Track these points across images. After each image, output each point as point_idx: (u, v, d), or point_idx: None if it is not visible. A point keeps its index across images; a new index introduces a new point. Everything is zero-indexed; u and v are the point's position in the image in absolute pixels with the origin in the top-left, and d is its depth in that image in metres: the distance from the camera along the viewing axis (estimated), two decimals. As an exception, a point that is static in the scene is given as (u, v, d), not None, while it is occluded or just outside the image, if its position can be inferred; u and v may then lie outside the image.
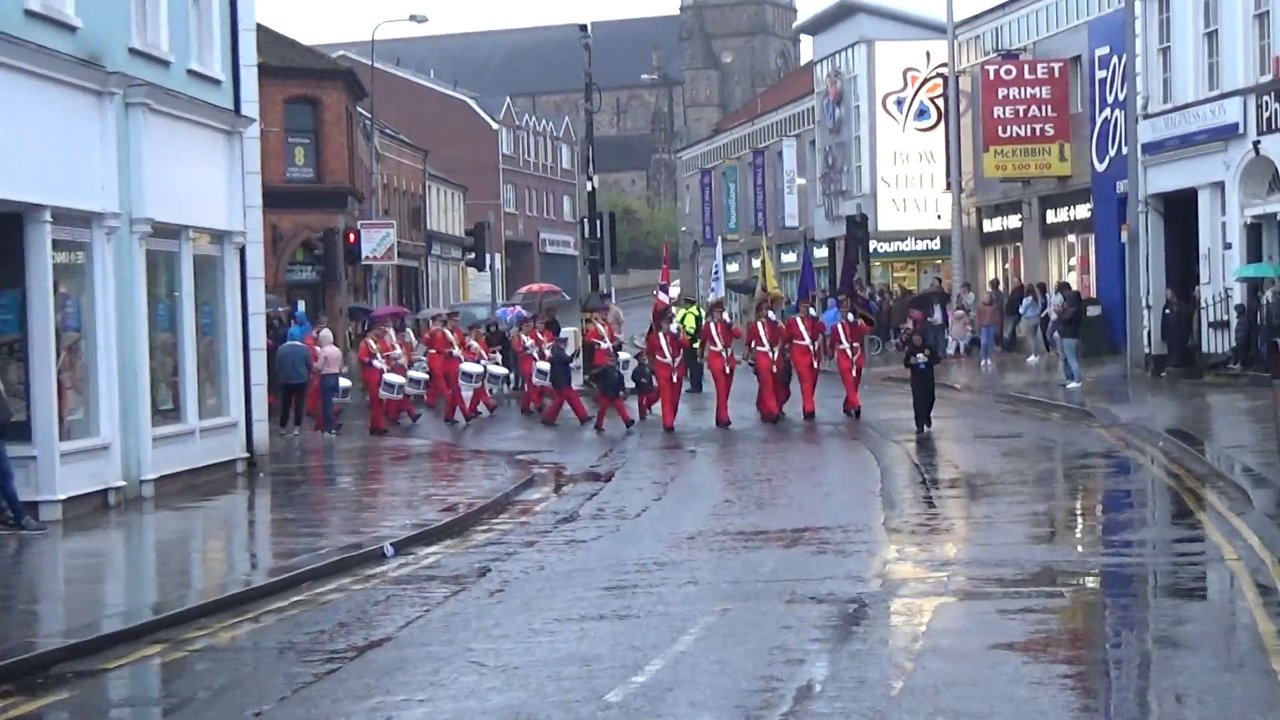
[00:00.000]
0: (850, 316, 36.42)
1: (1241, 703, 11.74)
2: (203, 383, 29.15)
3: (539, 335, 41.58)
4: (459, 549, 21.27)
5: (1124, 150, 47.92)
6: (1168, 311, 43.60)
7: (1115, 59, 49.36)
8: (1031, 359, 51.35)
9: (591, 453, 33.04)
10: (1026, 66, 54.17)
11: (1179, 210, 44.91)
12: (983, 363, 51.15)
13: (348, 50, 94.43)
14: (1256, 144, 40.31)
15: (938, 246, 64.74)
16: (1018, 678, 12.73)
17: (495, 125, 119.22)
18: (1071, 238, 55.07)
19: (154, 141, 26.74)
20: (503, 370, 42.52)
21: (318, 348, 38.47)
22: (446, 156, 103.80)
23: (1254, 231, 41.63)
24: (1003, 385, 44.67)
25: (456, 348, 40.74)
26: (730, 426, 35.10)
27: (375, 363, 38.08)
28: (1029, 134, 53.68)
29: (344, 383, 38.54)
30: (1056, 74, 53.47)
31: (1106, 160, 50.46)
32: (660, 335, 35.53)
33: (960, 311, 54.84)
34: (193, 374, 28.64)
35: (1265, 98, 40.08)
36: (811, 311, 36.84)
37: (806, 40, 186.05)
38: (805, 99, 77.30)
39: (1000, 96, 53.80)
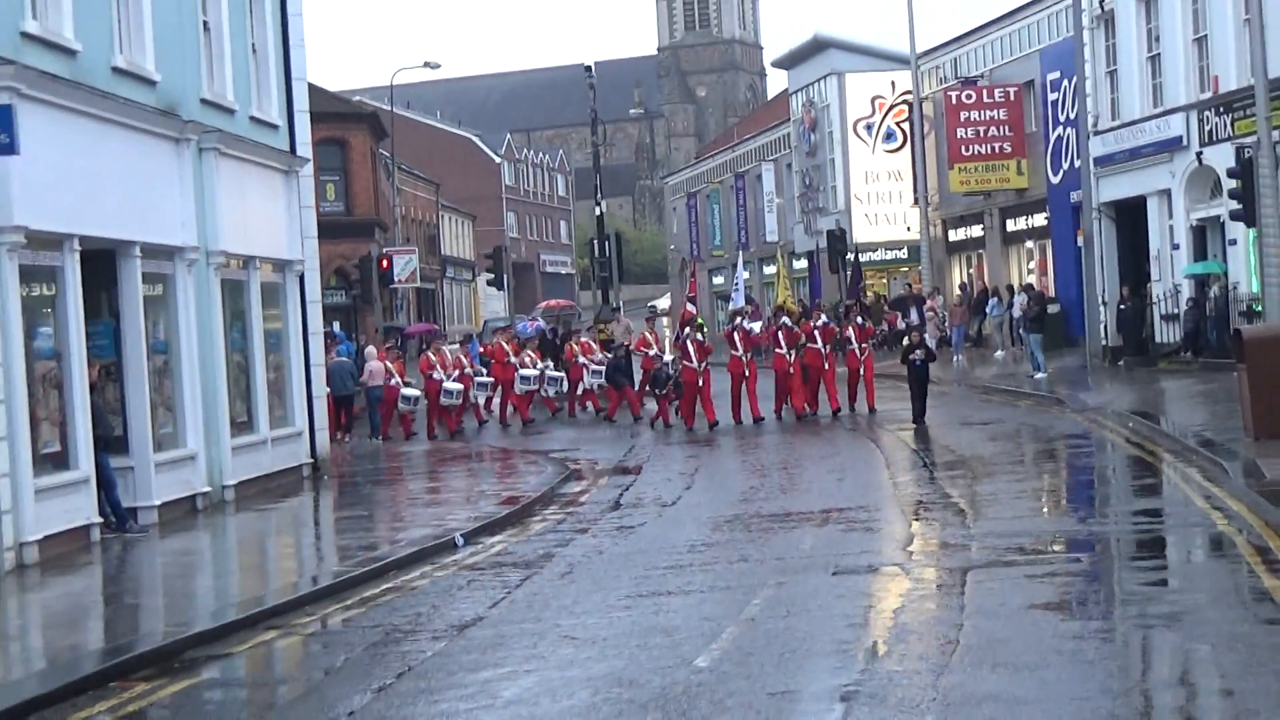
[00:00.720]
0: (860, 320, 36.36)
1: (1266, 649, 11.87)
2: (271, 396, 29.20)
3: (590, 345, 41.89)
4: (521, 537, 21.33)
5: (1076, 164, 48.18)
6: (1122, 307, 43.80)
7: (1065, 82, 49.61)
8: (998, 353, 51.56)
9: (617, 449, 33.13)
10: (984, 91, 54.40)
11: (1129, 216, 45.14)
12: (955, 358, 51.30)
13: (364, 95, 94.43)
14: (1200, 155, 40.50)
15: (905, 255, 64.89)
16: (1060, 633, 12.86)
17: (497, 159, 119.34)
18: (1030, 243, 55.28)
19: (224, 181, 26.83)
20: (559, 374, 42.20)
21: (366, 363, 38.52)
22: (456, 188, 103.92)
23: (1199, 233, 41.88)
24: (975, 378, 44.88)
25: (513, 356, 40.84)
26: (718, 426, 34.55)
27: (435, 375, 38.15)
28: (989, 152, 53.91)
29: (413, 392, 38.41)
30: (1012, 97, 53.70)
31: (1060, 173, 50.67)
32: (688, 342, 35.05)
33: (930, 313, 55.02)
34: (263, 389, 28.73)
35: (1206, 113, 40.26)
36: (824, 319, 36.34)
37: (773, 73, 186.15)
38: (780, 127, 77.46)
39: (962, 119, 54.03)
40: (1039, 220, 53.53)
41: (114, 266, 23.68)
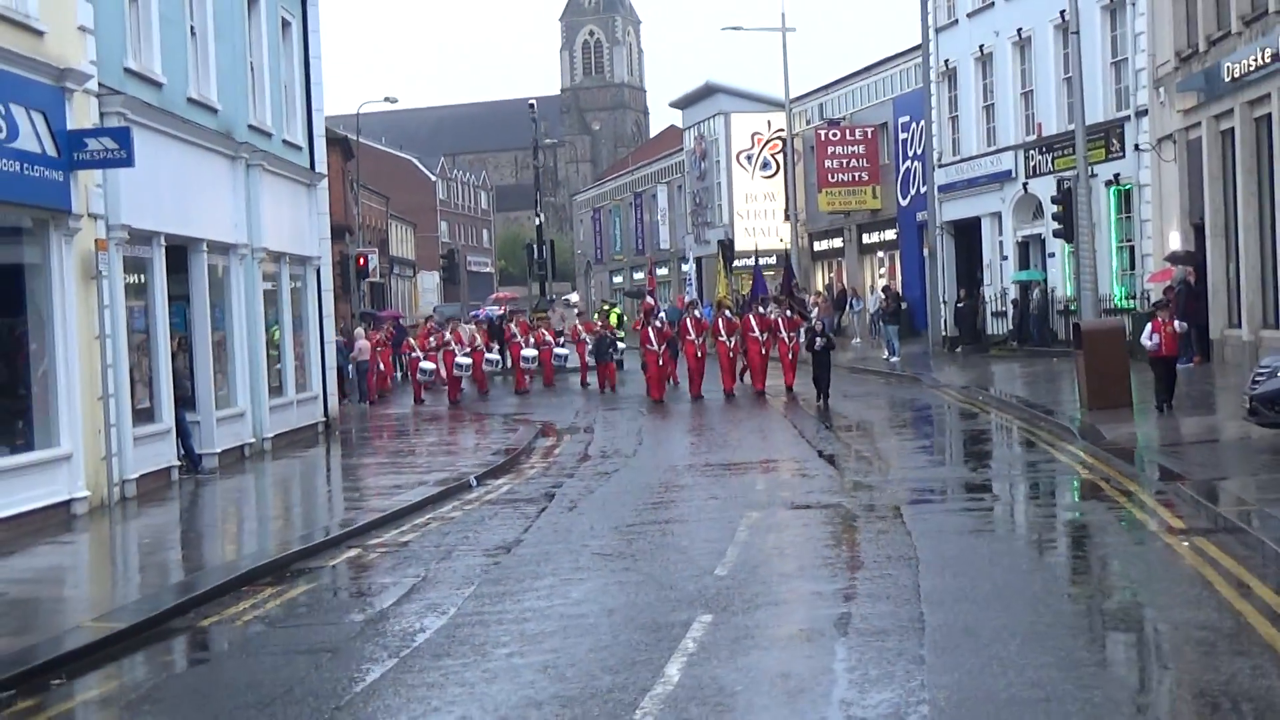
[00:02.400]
0: (789, 312, 35.65)
1: (1147, 562, 12.76)
2: (296, 366, 29.49)
3: (526, 324, 42.06)
4: (520, 480, 21.81)
5: (923, 190, 49.29)
6: (959, 305, 44.93)
7: (914, 124, 50.70)
8: (855, 341, 52.60)
9: (566, 413, 33.49)
10: (848, 130, 55.37)
11: (965, 232, 46.32)
12: (821, 345, 52.05)
13: (328, 122, 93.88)
14: (1025, 184, 41.68)
15: (775, 261, 65.60)
16: (995, 550, 13.70)
17: (433, 177, 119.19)
18: (881, 254, 56.38)
19: (265, 192, 27.08)
20: (496, 357, 42.34)
21: (356, 342, 38.77)
22: (400, 201, 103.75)
23: (1023, 247, 43.10)
24: (841, 360, 45.67)
25: (480, 341, 40.60)
26: (703, 399, 33.39)
27: (416, 354, 38.09)
28: (850, 179, 54.89)
29: (429, 365, 38.30)
30: (869, 135, 54.73)
31: (909, 197, 51.74)
32: (649, 329, 34.56)
33: (814, 308, 55.82)
34: (291, 360, 29.03)
35: (1031, 151, 41.45)
36: (761, 310, 35.57)
37: (655, 112, 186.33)
38: (672, 155, 78.23)
39: (829, 152, 54.97)
40: (889, 235, 54.61)
41: (184, 259, 23.87)
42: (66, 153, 18.59)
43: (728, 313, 35.55)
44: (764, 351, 34.39)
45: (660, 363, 34.01)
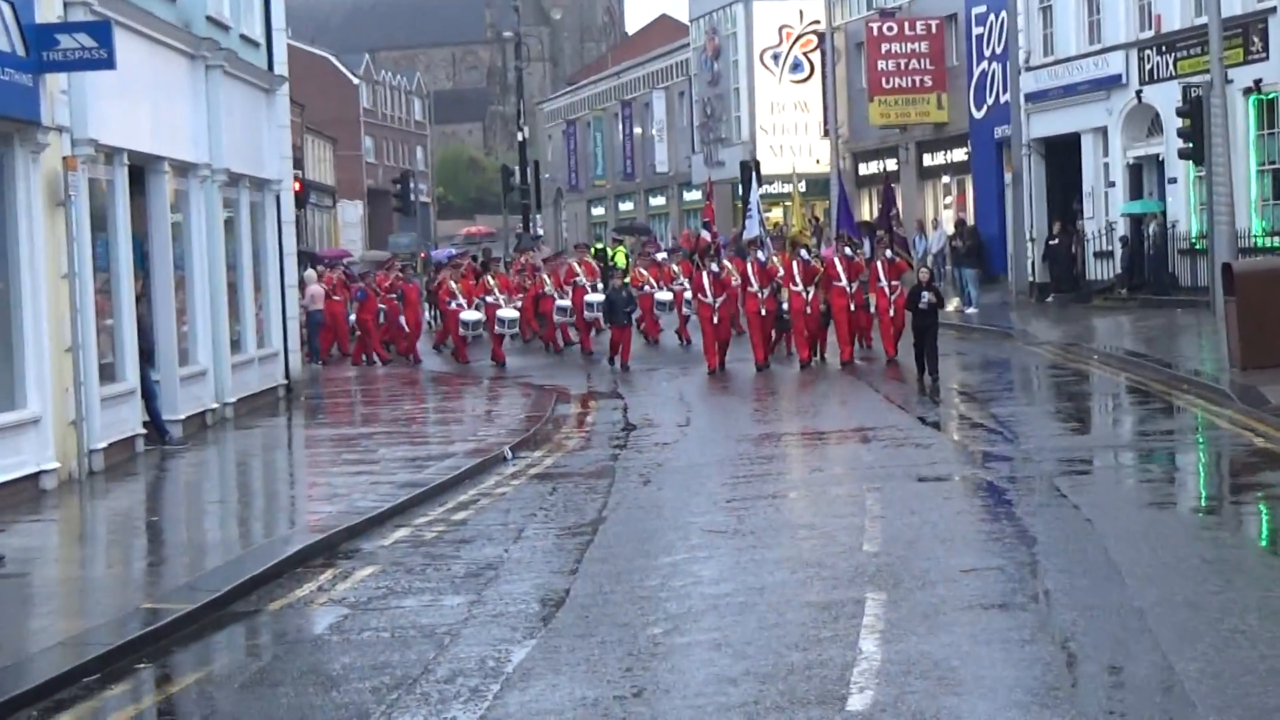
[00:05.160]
0: (889, 254, 32.92)
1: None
2: (256, 317, 30.72)
3: (508, 280, 40.77)
4: (563, 453, 23.13)
5: (1003, 99, 50.57)
6: (1052, 243, 46.34)
7: (991, 16, 51.98)
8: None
9: (571, 377, 34.51)
10: (905, 23, 56.67)
11: (1059, 153, 47.65)
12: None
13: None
14: (1139, 93, 43.04)
15: (805, 189, 66.74)
16: (1190, 525, 15.27)
17: (355, 80, 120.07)
18: (947, 178, 57.69)
19: (224, 98, 28.22)
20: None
21: (307, 286, 39.91)
22: (316, 110, 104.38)
23: (1135, 171, 44.48)
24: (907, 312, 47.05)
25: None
26: (767, 369, 32.45)
27: (458, 301, 38.44)
28: (909, 85, 56.21)
29: (474, 315, 38.16)
30: (934, 29, 56.02)
31: (984, 108, 52.99)
32: (704, 275, 33.19)
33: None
34: (251, 309, 30.25)
35: (1147, 51, 42.83)
36: (848, 251, 33.47)
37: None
38: (673, 53, 79.29)
39: (882, 51, 56.24)
40: (958, 155, 55.95)
41: (140, 182, 25.01)
42: (35, 51, 19.77)
43: (804, 254, 33.58)
44: (851, 307, 32.47)
45: (715, 320, 32.59)
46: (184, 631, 13.00)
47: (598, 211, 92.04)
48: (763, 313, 32.83)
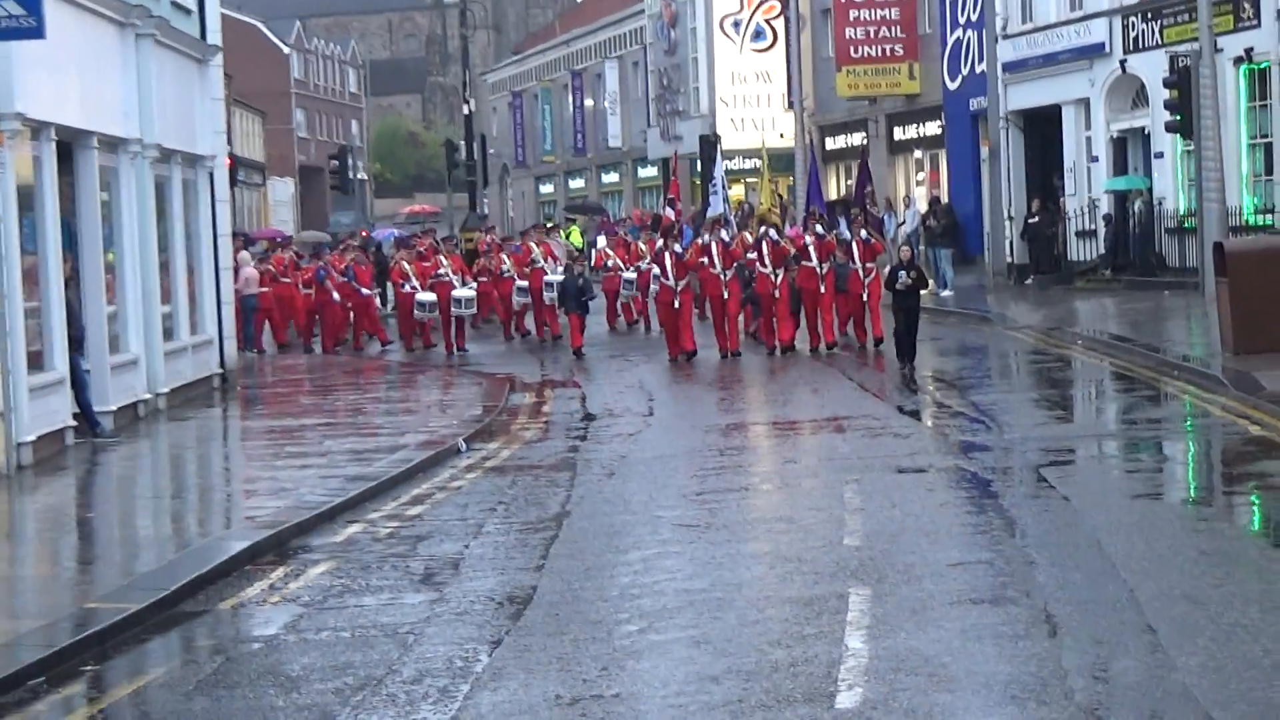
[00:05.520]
0: (864, 234, 33.19)
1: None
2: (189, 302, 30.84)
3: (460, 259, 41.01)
4: (520, 445, 23.32)
5: (979, 69, 50.87)
6: (1032, 221, 46.69)
7: (967, -20, 52.29)
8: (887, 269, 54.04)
9: (524, 364, 34.75)
10: (875, -11, 56.91)
11: (1039, 126, 48.02)
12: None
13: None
14: (1123, 62, 43.43)
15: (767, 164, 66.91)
16: (1184, 516, 15.59)
17: (286, 49, 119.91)
18: (919, 153, 58.05)
19: (155, 69, 28.31)
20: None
21: (240, 269, 39.98)
22: (244, 81, 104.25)
23: (1119, 145, 44.88)
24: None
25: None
26: (696, 356, 32.76)
27: (412, 284, 38.29)
28: (879, 54, 56.50)
29: (429, 297, 37.78)
30: (905, -4, 56.33)
31: (959, 79, 53.25)
32: (666, 255, 33.39)
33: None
34: (184, 293, 30.38)
35: (1131, 18, 43.23)
36: (819, 229, 33.60)
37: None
38: (625, 21, 79.43)
39: (850, 18, 56.52)
40: (932, 128, 56.28)
41: (70, 159, 25.10)
42: (-41, 20, 19.86)
43: (773, 234, 33.72)
44: (821, 288, 32.57)
45: (677, 304, 32.64)
46: (130, 632, 13.15)
47: (546, 189, 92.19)
48: (725, 296, 32.70)
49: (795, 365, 31.14)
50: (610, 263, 40.52)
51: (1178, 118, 37.13)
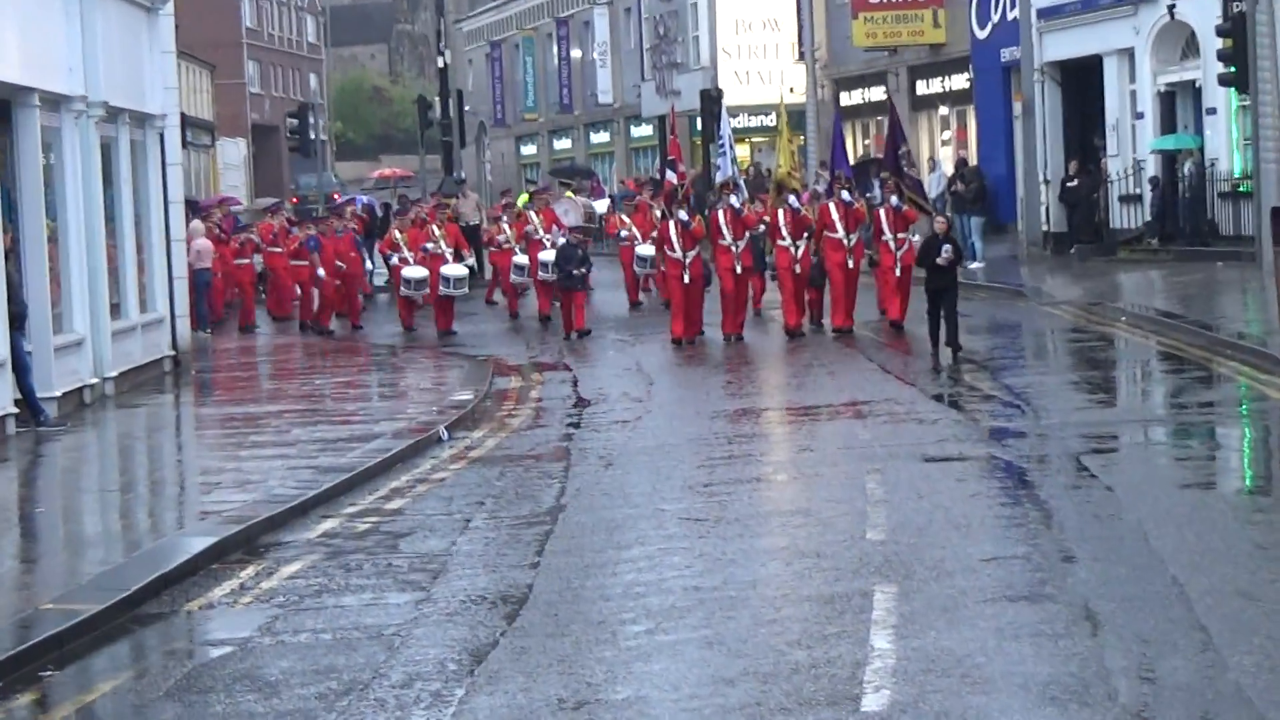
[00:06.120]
0: (895, 200, 32.62)
1: None
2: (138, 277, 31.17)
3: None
4: (508, 433, 23.71)
5: (1010, 16, 51.04)
6: (1070, 185, 46.85)
7: (998, -83, 52.56)
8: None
9: (509, 345, 35.10)
10: (895, -74, 57.17)
11: (1078, 79, 48.26)
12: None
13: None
14: (1171, 8, 43.62)
15: (773, 123, 67.08)
16: (1238, 508, 16.08)
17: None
18: (945, 109, 58.26)
19: (103, 20, 28.61)
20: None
21: (192, 240, 40.30)
22: (190, 32, 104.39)
23: (1167, 100, 45.07)
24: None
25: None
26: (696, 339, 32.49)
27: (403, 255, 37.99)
28: (900, 0, 56.74)
29: (418, 272, 37.31)
30: (929, -66, 56.56)
31: (988, 27, 53.41)
32: (671, 224, 32.63)
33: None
34: (133, 267, 30.71)
35: (1180, -41, 43.49)
36: (846, 195, 32.77)
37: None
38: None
39: (868, -40, 56.75)
40: (958, 82, 56.46)
41: (9, 119, 25.43)
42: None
43: (792, 200, 32.78)
44: (850, 264, 32.21)
45: (686, 279, 32.03)
46: (92, 635, 13.53)
47: (528, 150, 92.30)
48: (738, 270, 31.99)
49: (808, 346, 31.38)
50: (624, 233, 40.07)
51: (1232, 69, 37.30)
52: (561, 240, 37.04)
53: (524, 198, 53.94)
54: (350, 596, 14.54)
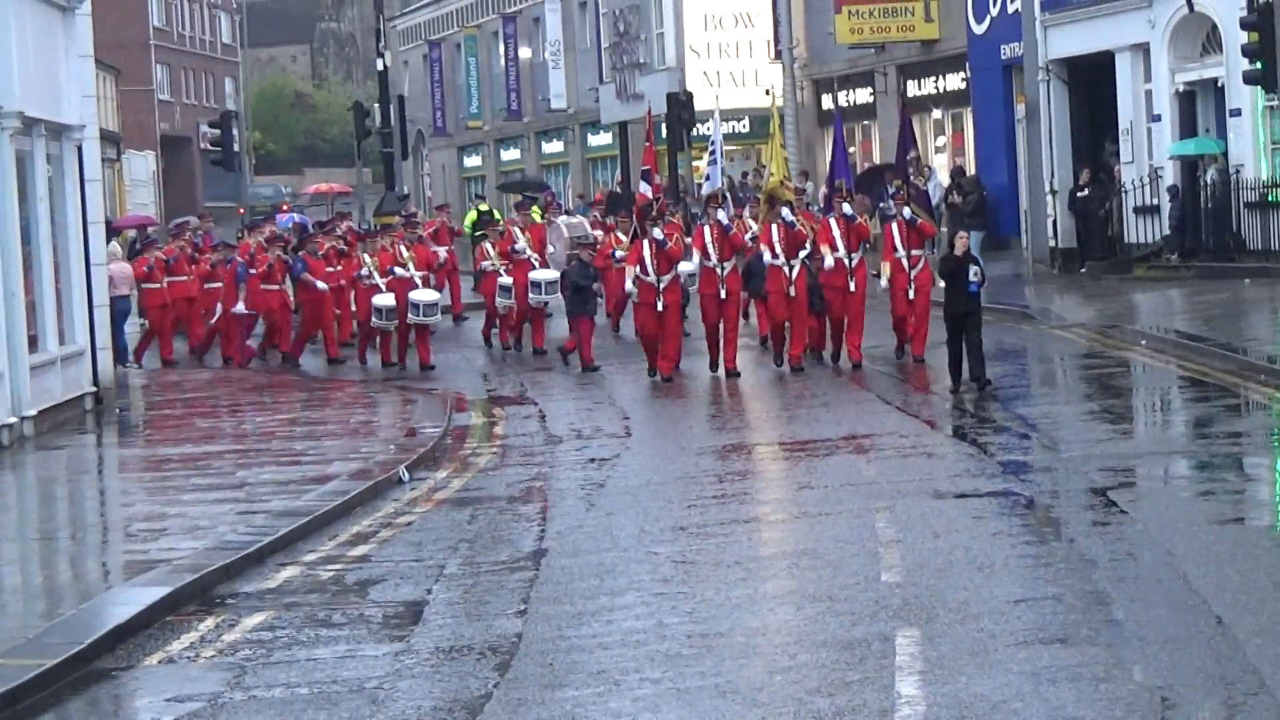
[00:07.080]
0: (907, 213, 32.34)
1: None
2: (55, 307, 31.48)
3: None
4: (472, 472, 24.24)
5: (1010, 9, 51.43)
6: (1080, 195, 47.14)
7: (995, -100, 53.03)
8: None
9: (465, 379, 35.45)
10: (881, -90, 57.58)
11: (1087, 78, 48.60)
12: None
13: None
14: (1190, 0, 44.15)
15: (748, 129, 67.39)
16: (1261, 540, 16.43)
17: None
18: (938, 113, 58.58)
19: (16, 20, 28.95)
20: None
21: (111, 265, 40.56)
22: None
23: (1187, 101, 45.41)
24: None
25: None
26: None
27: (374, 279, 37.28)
28: (888, -9, 57.15)
29: (387, 300, 36.59)
30: (919, -82, 57.03)
31: (986, 20, 53.62)
32: (645, 243, 32.28)
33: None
34: (50, 294, 30.99)
35: (1199, -54, 44.02)
36: (847, 209, 32.29)
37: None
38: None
39: (853, -52, 57.16)
40: (953, 82, 56.83)
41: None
42: None
43: (787, 213, 32.24)
44: (852, 285, 31.95)
45: (660, 305, 31.68)
46: (43, 694, 13.91)
47: (472, 161, 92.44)
48: (722, 295, 31.68)
49: (798, 376, 31.67)
50: (620, 253, 39.82)
51: (1258, 66, 37.69)
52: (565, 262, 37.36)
53: (471, 216, 54.33)
54: (323, 648, 14.99)
